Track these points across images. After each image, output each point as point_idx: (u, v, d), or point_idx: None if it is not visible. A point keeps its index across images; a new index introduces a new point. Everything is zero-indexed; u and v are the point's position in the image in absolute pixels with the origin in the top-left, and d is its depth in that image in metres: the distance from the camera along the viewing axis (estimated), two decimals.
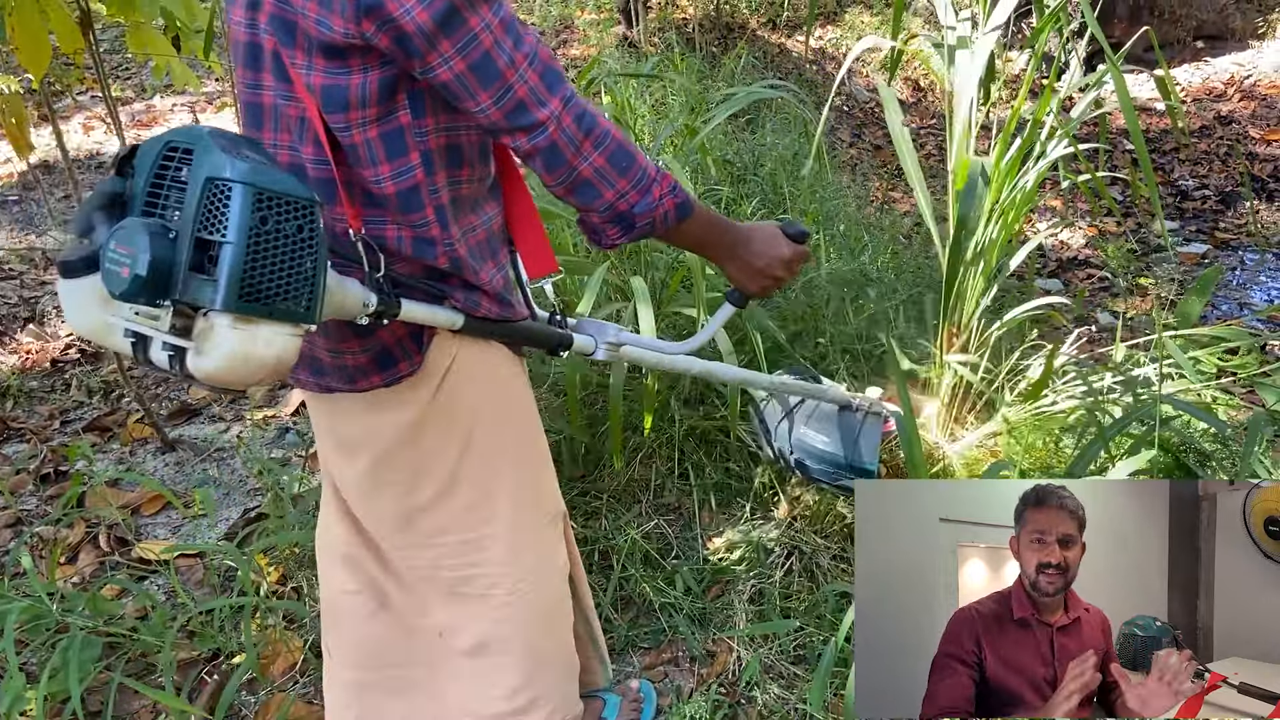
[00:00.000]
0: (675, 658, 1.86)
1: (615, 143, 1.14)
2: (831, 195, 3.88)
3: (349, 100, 1.06)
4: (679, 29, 6.67)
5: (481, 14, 1.02)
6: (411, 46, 1.01)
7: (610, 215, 1.18)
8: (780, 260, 1.36)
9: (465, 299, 1.22)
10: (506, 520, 1.33)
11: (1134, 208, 6.30)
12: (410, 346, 1.22)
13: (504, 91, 1.05)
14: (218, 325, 0.94)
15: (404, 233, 1.16)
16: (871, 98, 7.34)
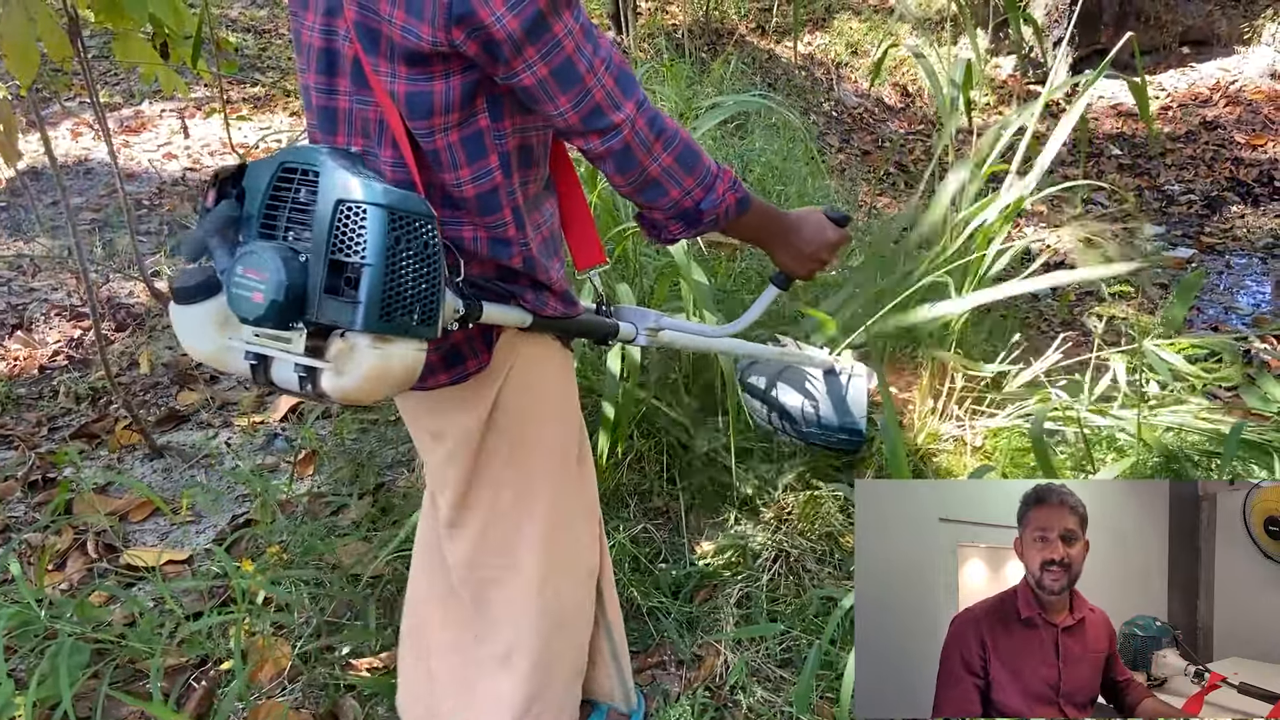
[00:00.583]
0: (663, 661, 1.87)
1: (683, 143, 1.17)
2: (820, 200, 3.90)
3: (433, 106, 1.08)
4: (668, 35, 6.69)
5: (565, 20, 1.04)
6: (499, 53, 1.03)
7: (675, 212, 1.21)
8: (828, 244, 1.41)
9: (535, 299, 1.26)
10: (544, 518, 1.37)
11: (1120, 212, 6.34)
12: (479, 345, 1.25)
13: (583, 95, 1.08)
14: (358, 345, 0.98)
15: (480, 234, 1.19)
16: (860, 103, 7.37)
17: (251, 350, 1.02)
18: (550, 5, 1.02)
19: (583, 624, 1.50)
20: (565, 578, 1.42)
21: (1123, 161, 7.05)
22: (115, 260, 3.53)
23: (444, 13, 1.00)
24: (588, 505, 1.47)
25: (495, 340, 1.25)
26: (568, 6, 1.04)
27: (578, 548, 1.45)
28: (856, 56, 7.70)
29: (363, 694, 1.77)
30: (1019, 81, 8.05)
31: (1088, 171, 6.91)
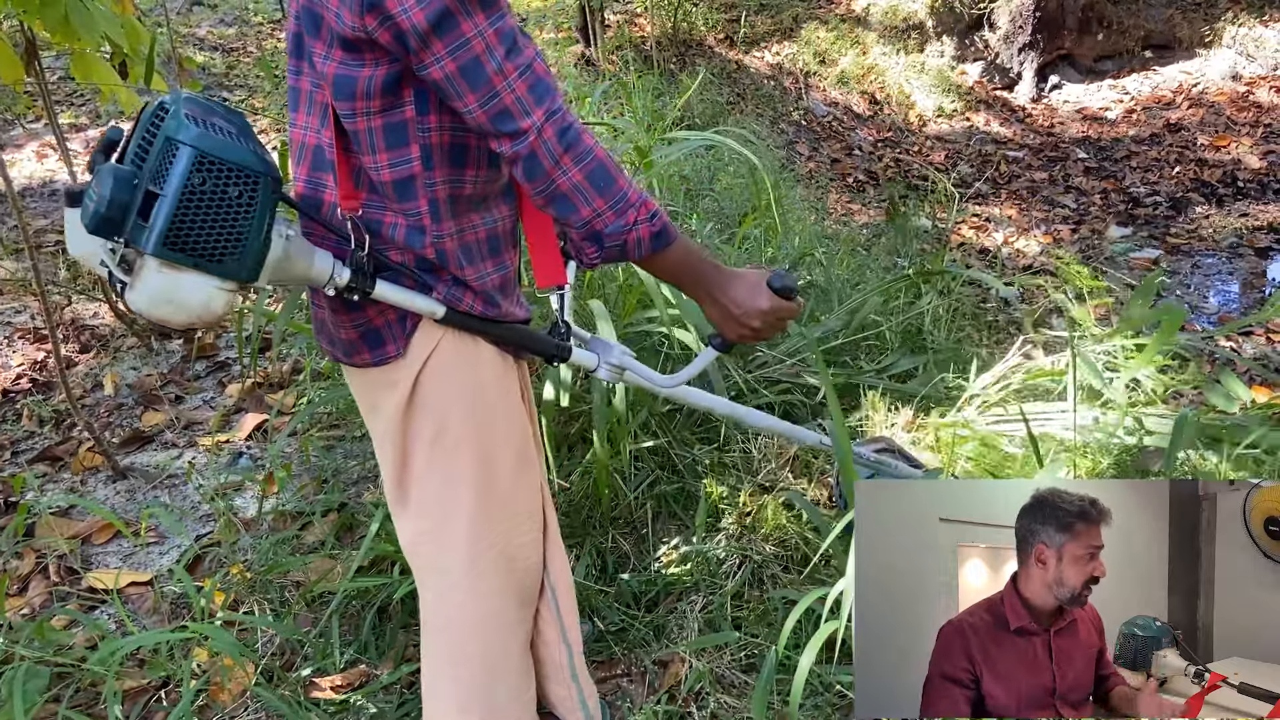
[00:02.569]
0: (629, 671, 1.88)
1: (596, 162, 1.17)
2: (788, 208, 3.92)
3: (356, 90, 1.14)
4: (637, 47, 6.72)
5: (476, 21, 1.08)
6: (408, 43, 1.08)
7: (587, 232, 1.21)
8: (758, 312, 1.32)
9: (448, 292, 1.27)
10: (468, 517, 1.36)
11: (1088, 215, 6.42)
12: (397, 330, 1.28)
13: (490, 96, 1.11)
14: (148, 266, 1.07)
15: (399, 220, 1.23)
16: (829, 112, 7.43)
17: (101, 258, 1.11)
18: (459, 4, 1.06)
19: (521, 631, 1.48)
20: (495, 580, 1.40)
21: (1089, 165, 7.14)
22: (79, 282, 3.51)
23: (359, 1, 1.07)
24: (526, 511, 1.44)
25: (412, 329, 1.28)
26: (483, 8, 1.08)
27: (509, 550, 1.42)
28: (825, 66, 7.77)
29: (327, 713, 1.76)
30: (985, 87, 8.14)
31: (1055, 175, 7.00)
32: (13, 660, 1.75)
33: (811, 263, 3.22)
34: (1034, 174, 7.04)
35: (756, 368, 2.60)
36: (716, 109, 6.13)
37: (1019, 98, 8.10)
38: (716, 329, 1.38)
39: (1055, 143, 7.52)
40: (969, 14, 8.06)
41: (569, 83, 5.07)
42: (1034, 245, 5.83)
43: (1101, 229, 6.14)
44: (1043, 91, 8.12)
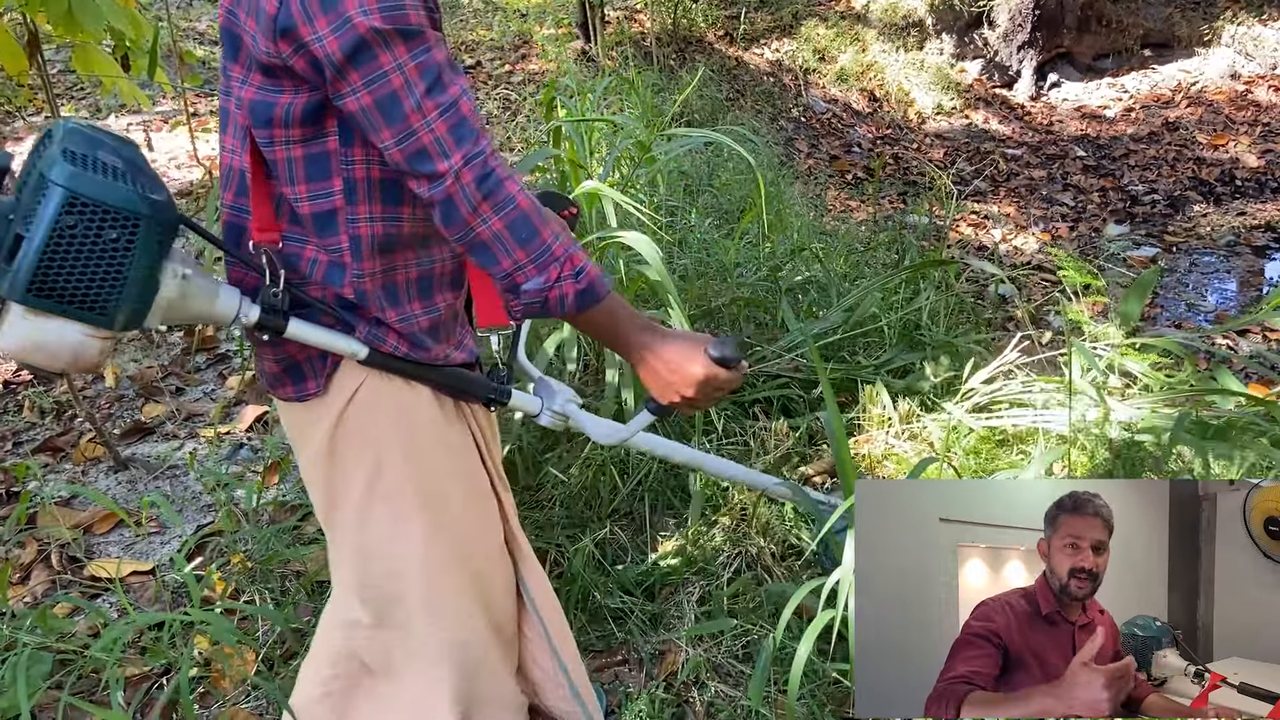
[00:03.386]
0: (626, 659, 1.89)
1: (519, 211, 1.10)
2: (786, 204, 3.94)
3: (274, 117, 1.09)
4: (636, 43, 6.73)
5: (396, 53, 1.02)
6: (323, 72, 1.04)
7: (508, 285, 1.13)
8: (692, 380, 1.22)
9: (369, 333, 1.21)
10: (420, 557, 1.30)
11: (1086, 213, 6.44)
12: (318, 367, 1.23)
13: (406, 135, 1.05)
14: (13, 311, 1.01)
15: (320, 255, 1.17)
16: (829, 109, 7.44)
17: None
18: (377, 35, 1.00)
19: (497, 664, 1.41)
20: (455, 617, 1.34)
21: (1087, 163, 7.15)
22: None
23: (271, 24, 1.02)
24: (486, 545, 1.38)
25: (332, 368, 1.23)
26: (404, 40, 1.02)
27: (472, 586, 1.36)
28: (824, 63, 7.78)
29: None
30: (985, 84, 8.15)
31: (1053, 173, 7.02)
32: (15, 647, 1.77)
33: (809, 258, 3.24)
34: (1032, 172, 7.06)
35: (756, 362, 2.61)
36: (716, 105, 6.14)
37: (1018, 95, 8.11)
38: (650, 393, 1.28)
39: (1054, 140, 7.54)
40: (968, 12, 8.07)
41: (569, 78, 5.08)
42: (1032, 243, 5.84)
43: (1099, 227, 6.16)
44: (1041, 89, 8.14)
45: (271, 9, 1.02)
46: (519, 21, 7.61)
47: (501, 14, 7.88)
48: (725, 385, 1.24)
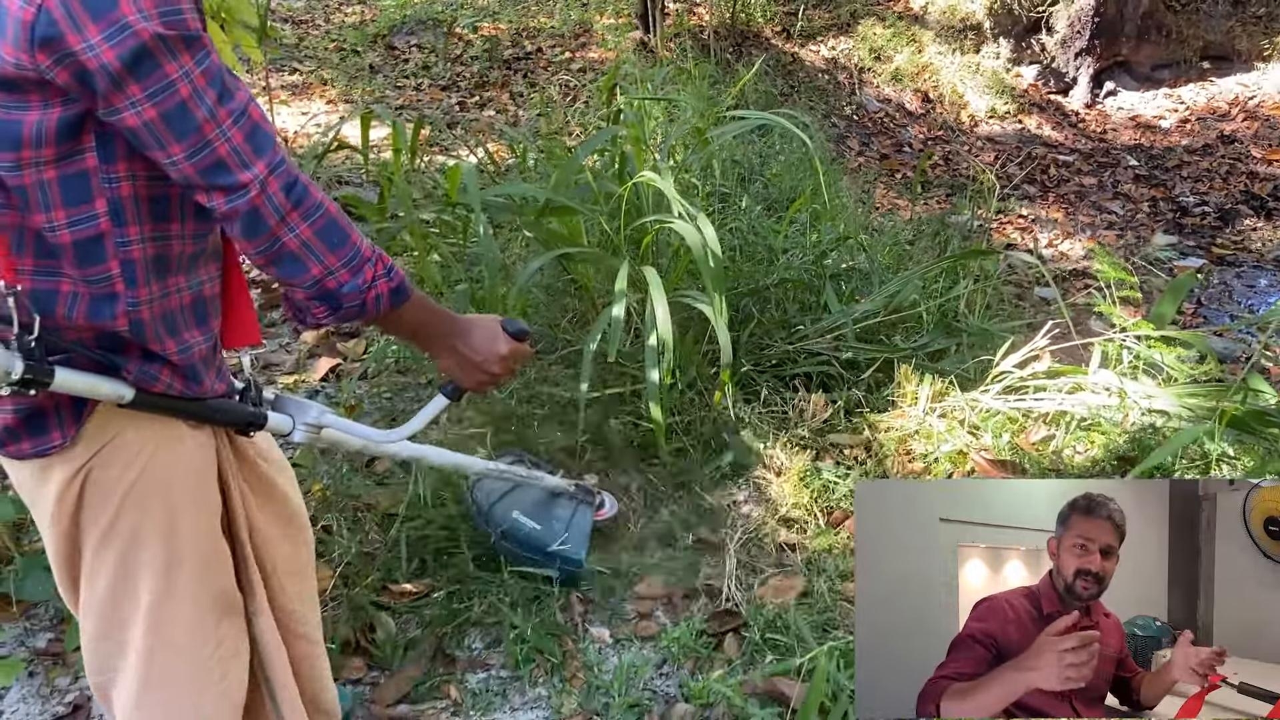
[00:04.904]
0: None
1: (327, 217, 1.07)
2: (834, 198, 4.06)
3: (22, 137, 0.97)
4: (694, 35, 6.87)
5: (181, 61, 0.96)
6: (94, 84, 0.94)
7: (317, 292, 1.10)
8: (498, 356, 1.30)
9: (139, 371, 1.12)
10: (145, 620, 1.19)
11: (1134, 221, 6.47)
12: (67, 415, 1.11)
13: (201, 146, 0.99)
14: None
15: (80, 289, 1.06)
16: (882, 108, 7.52)
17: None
18: (159, 42, 0.93)
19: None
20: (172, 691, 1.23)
21: (1139, 172, 7.16)
22: None
23: (27, 33, 0.91)
24: (218, 607, 1.26)
25: (88, 414, 1.11)
26: (188, 47, 0.96)
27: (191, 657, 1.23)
28: (880, 62, 7.85)
29: (396, 614, 1.96)
30: (1040, 90, 8.17)
31: (1104, 181, 7.04)
32: None
33: (854, 247, 3.37)
34: (1083, 179, 7.09)
35: (798, 340, 2.75)
36: (770, 100, 6.26)
37: (1073, 102, 8.12)
38: (452, 378, 1.34)
39: (1106, 149, 7.55)
40: (1027, 17, 8.08)
41: (630, 66, 5.24)
42: (1078, 249, 5.90)
43: (1147, 236, 6.19)
44: (1097, 97, 8.14)
45: (27, 16, 0.91)
46: (580, 10, 7.78)
47: (563, 2, 8.06)
48: (521, 357, 1.33)
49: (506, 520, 2.05)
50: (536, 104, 5.71)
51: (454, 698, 1.83)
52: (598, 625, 1.99)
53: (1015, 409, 2.45)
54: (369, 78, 6.38)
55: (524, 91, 6.16)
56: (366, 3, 8.30)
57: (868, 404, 2.56)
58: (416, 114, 5.59)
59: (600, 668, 1.88)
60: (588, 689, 1.83)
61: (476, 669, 1.89)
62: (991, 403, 2.47)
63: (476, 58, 6.78)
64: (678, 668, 1.87)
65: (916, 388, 2.52)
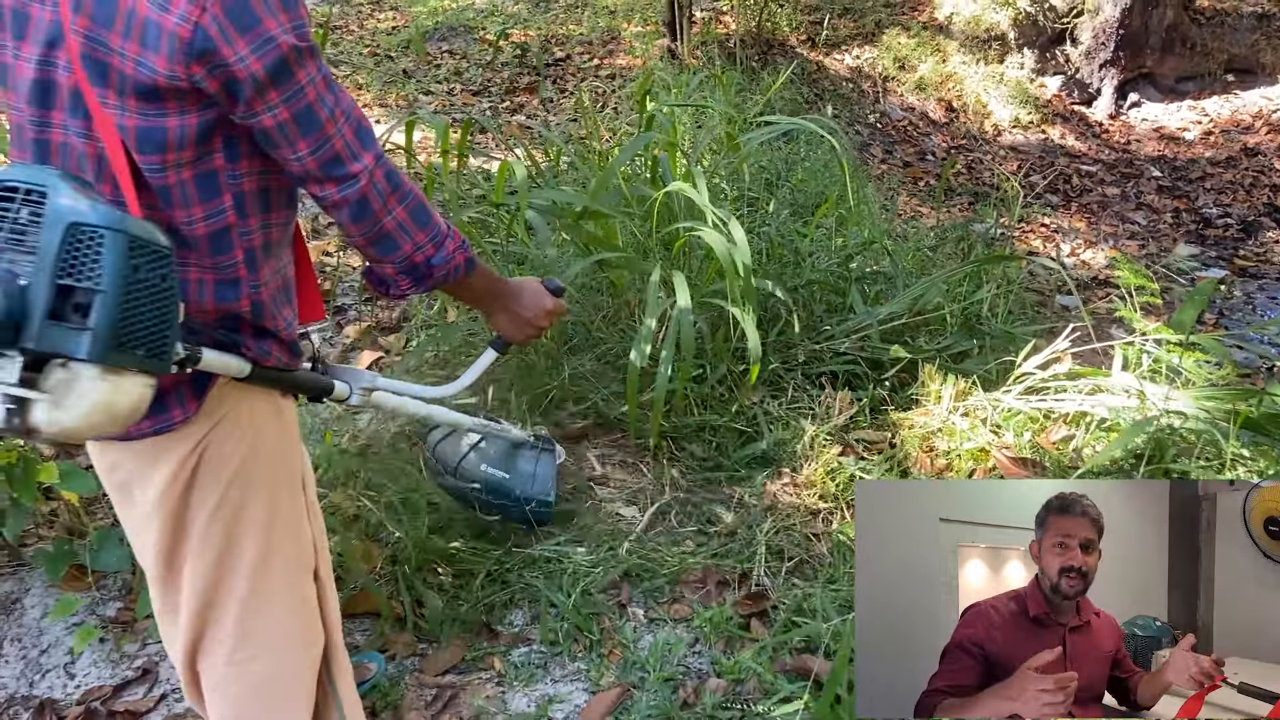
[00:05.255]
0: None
1: (417, 200, 1.22)
2: (860, 202, 4.15)
3: (166, 142, 1.07)
4: (721, 44, 6.97)
5: (308, 69, 1.08)
6: (240, 92, 1.05)
7: (405, 266, 1.25)
8: (545, 311, 1.51)
9: (256, 347, 1.23)
10: (245, 584, 1.28)
11: (1157, 232, 6.52)
12: (186, 393, 1.19)
13: (322, 142, 1.11)
14: (83, 376, 0.92)
15: (206, 276, 1.16)
16: (905, 116, 7.60)
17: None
18: (294, 52, 1.06)
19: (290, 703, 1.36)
20: (265, 649, 1.32)
21: (1162, 183, 7.21)
22: None
23: (184, 47, 1.01)
24: (304, 564, 1.37)
25: (208, 389, 1.20)
26: (312, 57, 1.08)
27: (285, 617, 1.33)
28: (904, 71, 7.93)
29: (443, 590, 2.07)
30: (1064, 100, 8.23)
31: (1127, 191, 7.09)
32: None
33: (879, 251, 3.45)
34: (1106, 189, 7.14)
35: (824, 339, 2.85)
36: (795, 107, 6.35)
37: (1097, 113, 8.17)
38: (504, 334, 1.53)
39: (1130, 159, 7.59)
40: (1052, 28, 8.15)
41: (660, 73, 5.34)
42: (1100, 258, 5.95)
43: (1169, 246, 6.24)
44: (1121, 108, 8.18)
45: (185, 33, 1.00)
46: (608, 18, 7.90)
47: (591, 10, 8.18)
48: (561, 312, 1.56)
49: (476, 473, 2.20)
50: (568, 109, 5.82)
51: (498, 669, 1.93)
52: (633, 605, 2.09)
53: (1036, 409, 2.53)
54: (403, 82, 6.52)
55: (554, 97, 6.28)
56: (400, 8, 8.45)
57: (892, 402, 2.65)
58: (450, 118, 5.73)
59: (636, 645, 1.98)
60: (624, 664, 1.93)
61: (519, 644, 2.00)
62: (1013, 403, 2.55)
63: (507, 63, 6.91)
64: (709, 646, 1.97)
65: (940, 387, 2.61)
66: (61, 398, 0.93)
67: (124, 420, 0.98)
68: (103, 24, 1.02)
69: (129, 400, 0.98)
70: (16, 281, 0.91)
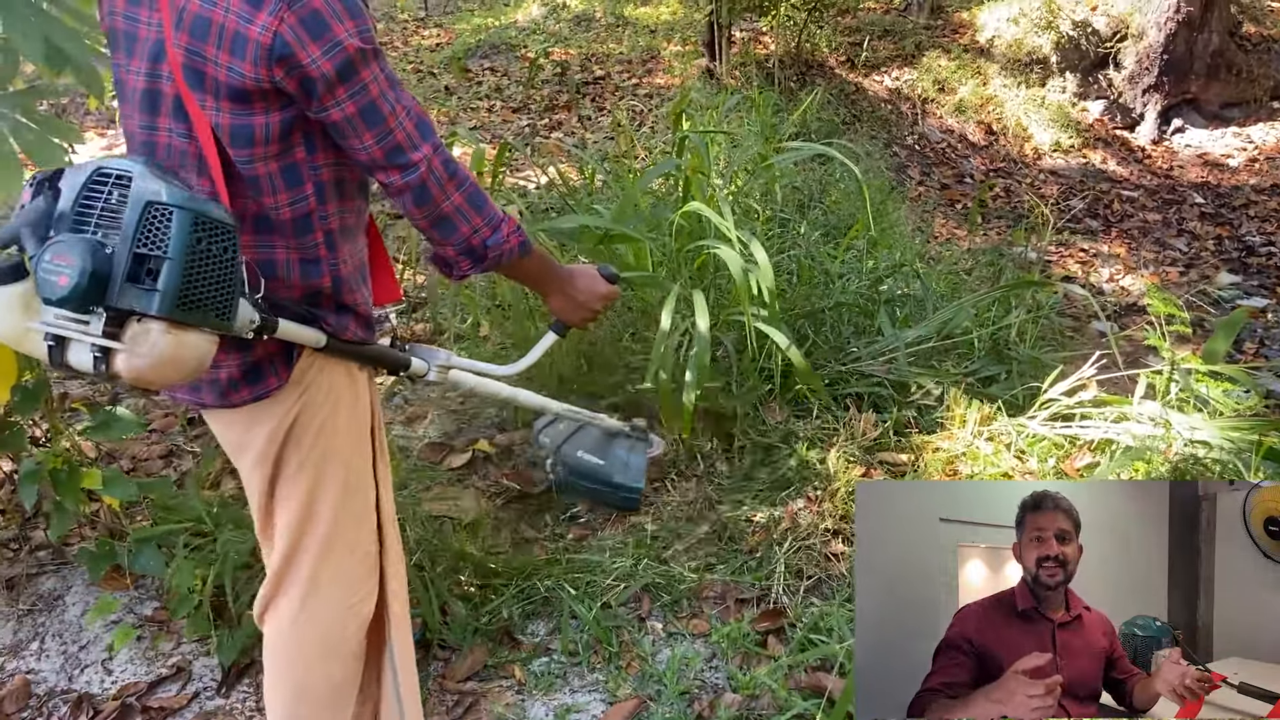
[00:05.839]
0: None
1: (473, 186, 1.34)
2: (887, 226, 4.16)
3: (255, 137, 1.24)
4: (759, 64, 7.02)
5: (373, 68, 1.22)
6: (314, 90, 1.20)
7: (464, 249, 1.37)
8: (598, 296, 1.61)
9: (336, 321, 1.38)
10: (322, 537, 1.45)
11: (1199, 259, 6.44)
12: (280, 364, 1.35)
13: (386, 133, 1.25)
14: (153, 330, 1.09)
15: (292, 255, 1.33)
16: (944, 138, 7.59)
17: (51, 332, 1.11)
18: (360, 54, 1.20)
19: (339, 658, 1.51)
20: (332, 593, 1.48)
21: (1205, 210, 7.13)
22: None
23: (266, 53, 1.17)
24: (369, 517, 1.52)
25: (296, 359, 1.36)
26: (376, 58, 1.23)
27: (352, 563, 1.50)
28: (943, 93, 7.92)
29: (467, 599, 2.12)
30: (1106, 125, 8.17)
31: (1169, 218, 7.02)
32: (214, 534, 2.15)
33: (909, 275, 3.47)
34: (1147, 215, 7.07)
35: (850, 361, 2.87)
36: (832, 128, 6.38)
37: (1139, 138, 8.10)
38: (561, 316, 1.63)
39: (1172, 185, 7.52)
40: (1095, 52, 8.10)
41: (697, 93, 5.40)
42: (1140, 284, 5.90)
43: (1211, 274, 6.16)
44: (1164, 134, 8.11)
45: (267, 40, 1.16)
46: (648, 37, 7.99)
47: (631, 29, 8.28)
48: (615, 297, 1.66)
49: (573, 458, 2.40)
50: (605, 127, 5.90)
51: (518, 677, 1.97)
52: (653, 619, 2.12)
53: (1061, 435, 2.53)
54: (444, 99, 6.64)
55: (592, 115, 6.36)
56: (444, 26, 8.61)
57: (917, 425, 2.66)
58: (489, 134, 5.82)
59: (654, 658, 2.01)
60: (642, 676, 1.96)
61: (540, 653, 2.04)
62: (1038, 428, 2.55)
63: (547, 81, 7.01)
64: (726, 662, 1.99)
65: (965, 411, 2.62)
66: (136, 347, 1.10)
67: (190, 371, 1.14)
68: (199, 37, 1.19)
69: (194, 354, 1.13)
70: (104, 250, 1.08)
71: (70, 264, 1.06)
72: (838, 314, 3.07)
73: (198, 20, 1.19)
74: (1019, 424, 2.57)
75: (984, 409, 2.62)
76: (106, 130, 5.62)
